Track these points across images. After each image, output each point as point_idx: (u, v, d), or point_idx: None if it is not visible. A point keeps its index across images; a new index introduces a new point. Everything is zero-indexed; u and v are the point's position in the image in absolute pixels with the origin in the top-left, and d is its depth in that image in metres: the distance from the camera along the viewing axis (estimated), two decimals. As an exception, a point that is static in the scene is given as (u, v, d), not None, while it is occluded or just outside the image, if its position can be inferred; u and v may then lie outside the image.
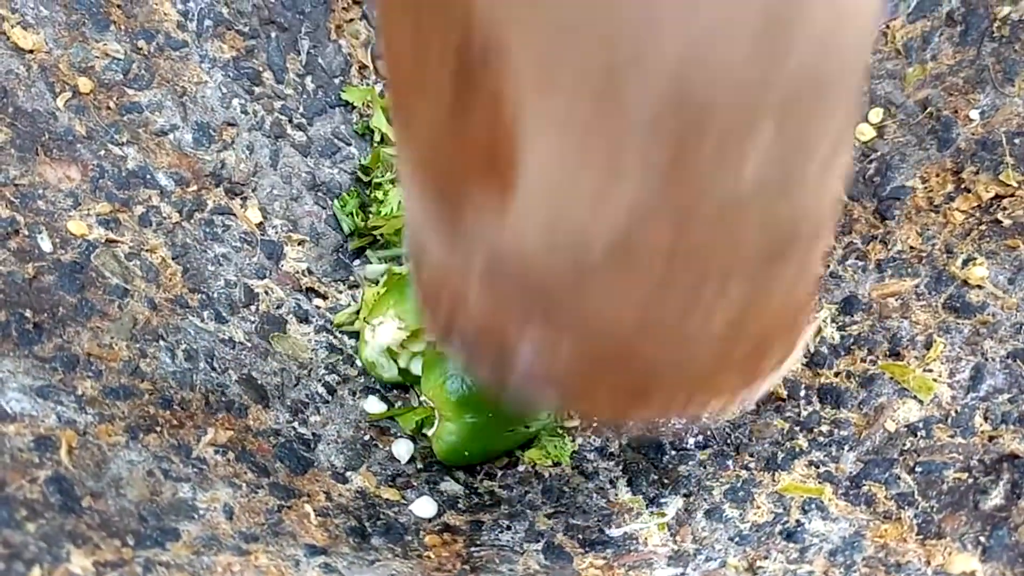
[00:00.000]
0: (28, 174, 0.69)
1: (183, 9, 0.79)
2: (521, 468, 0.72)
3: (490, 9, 0.36)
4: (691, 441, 0.72)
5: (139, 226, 0.72)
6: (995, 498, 0.59)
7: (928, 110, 0.77)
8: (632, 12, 0.33)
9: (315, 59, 0.84)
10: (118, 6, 0.77)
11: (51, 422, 0.59)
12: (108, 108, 0.74)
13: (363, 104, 0.85)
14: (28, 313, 0.64)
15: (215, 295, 0.73)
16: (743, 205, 0.40)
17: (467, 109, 0.39)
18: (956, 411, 0.64)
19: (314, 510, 0.63)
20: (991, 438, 0.62)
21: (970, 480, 0.60)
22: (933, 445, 0.63)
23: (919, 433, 0.64)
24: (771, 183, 0.40)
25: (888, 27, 0.80)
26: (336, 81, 0.84)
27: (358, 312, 0.78)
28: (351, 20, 0.85)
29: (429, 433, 0.70)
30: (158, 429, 0.63)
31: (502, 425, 0.69)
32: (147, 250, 0.71)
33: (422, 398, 0.71)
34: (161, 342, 0.68)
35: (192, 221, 0.75)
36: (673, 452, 0.71)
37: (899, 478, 0.63)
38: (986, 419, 0.63)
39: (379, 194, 0.82)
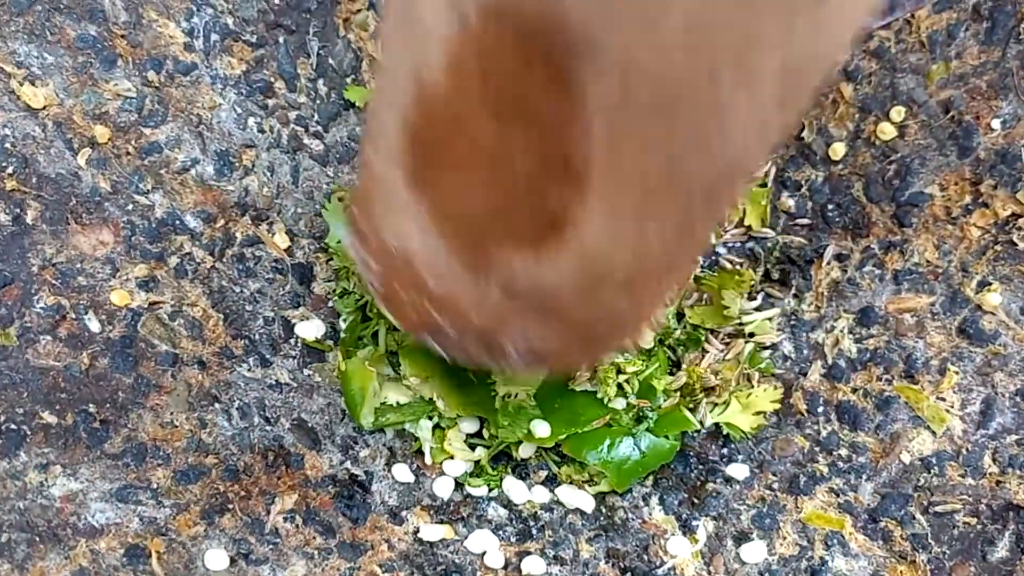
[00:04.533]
0: (64, 249, 0.69)
1: (187, 27, 0.76)
2: (559, 485, 0.78)
3: None
4: (716, 454, 0.78)
5: (176, 279, 0.73)
6: (1001, 550, 0.65)
7: (950, 113, 0.77)
8: None
9: (325, 60, 0.81)
10: (122, 36, 0.74)
11: (135, 526, 0.63)
12: (128, 154, 0.73)
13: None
14: (92, 408, 0.66)
15: (256, 336, 0.75)
16: None
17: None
18: (967, 449, 0.70)
19: (380, 566, 0.69)
20: (998, 482, 0.68)
21: (979, 527, 0.67)
22: (945, 484, 0.69)
23: (932, 469, 0.70)
24: None
25: (913, 16, 0.79)
26: (348, 80, 0.82)
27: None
28: (358, 11, 0.82)
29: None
30: (230, 507, 0.67)
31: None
32: (188, 304, 0.73)
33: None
34: (216, 404, 0.71)
35: (224, 260, 0.76)
36: (700, 467, 0.77)
37: (914, 518, 0.69)
38: (994, 460, 0.69)
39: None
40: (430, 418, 0.76)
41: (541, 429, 0.72)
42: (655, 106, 0.39)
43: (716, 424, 0.77)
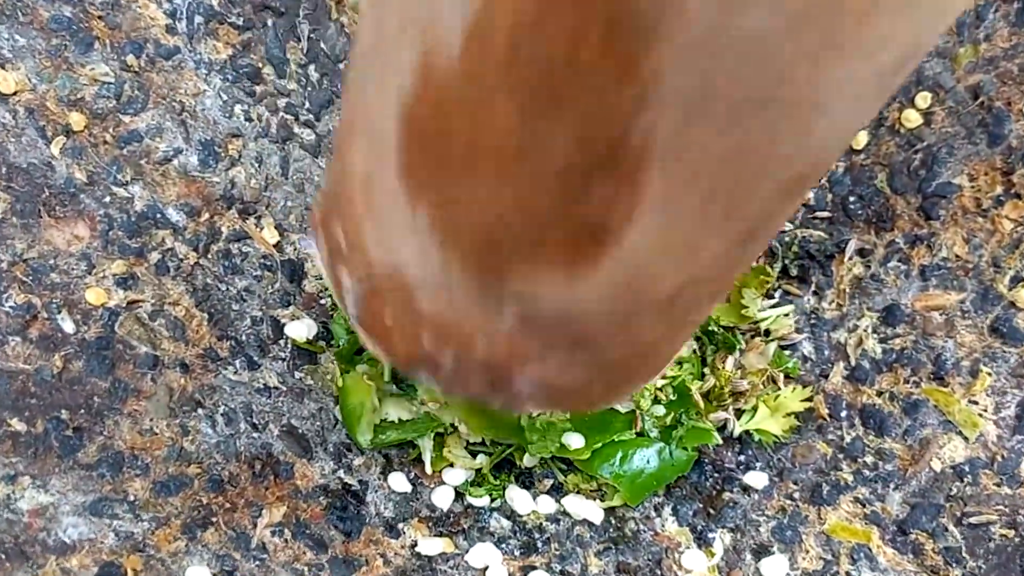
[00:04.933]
0: (36, 244, 0.64)
1: (170, 8, 0.71)
2: (566, 495, 0.73)
3: None
4: (732, 462, 0.73)
5: (157, 277, 0.68)
6: (1042, 565, 0.61)
7: (979, 99, 0.73)
8: None
9: (316, 44, 0.77)
10: (99, 17, 0.69)
11: (110, 542, 0.59)
12: (105, 143, 0.69)
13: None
14: (65, 414, 0.61)
15: (243, 337, 0.71)
16: None
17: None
18: (1002, 455, 0.65)
19: (375, 583, 0.65)
20: (1037, 491, 0.63)
21: (1016, 539, 0.62)
22: (979, 494, 0.65)
23: (965, 478, 0.66)
24: None
25: (939, -4, 0.74)
26: (340, 67, 0.77)
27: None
28: (351, -8, 0.77)
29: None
30: (214, 520, 0.63)
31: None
32: (170, 303, 0.68)
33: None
34: (200, 410, 0.66)
35: (209, 256, 0.71)
36: (716, 475, 0.73)
37: (946, 530, 0.65)
38: (1032, 468, 0.64)
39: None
40: (429, 425, 0.72)
41: (575, 440, 0.68)
42: (739, 102, 0.32)
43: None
